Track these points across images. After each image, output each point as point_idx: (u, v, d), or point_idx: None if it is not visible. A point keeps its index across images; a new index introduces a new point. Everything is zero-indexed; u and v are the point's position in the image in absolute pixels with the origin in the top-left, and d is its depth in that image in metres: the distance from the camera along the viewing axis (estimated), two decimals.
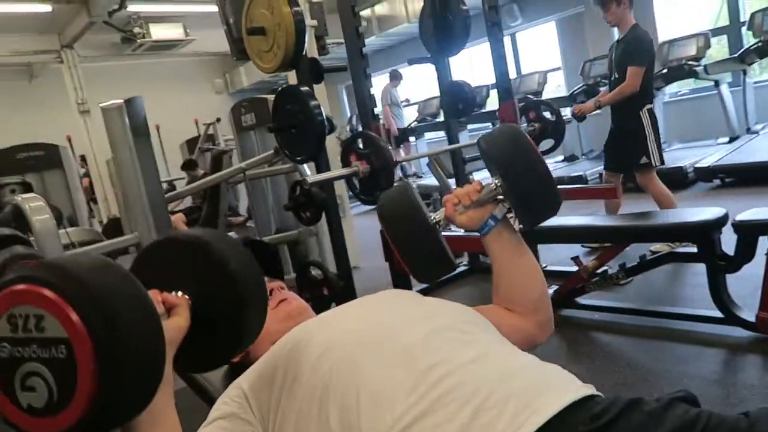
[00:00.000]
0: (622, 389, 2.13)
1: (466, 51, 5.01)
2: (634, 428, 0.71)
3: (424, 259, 1.06)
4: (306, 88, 2.66)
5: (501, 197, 1.02)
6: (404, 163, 9.01)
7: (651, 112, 3.45)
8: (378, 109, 3.08)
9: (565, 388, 0.78)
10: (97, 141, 7.53)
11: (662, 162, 3.50)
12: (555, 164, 6.85)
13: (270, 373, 0.84)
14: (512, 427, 0.70)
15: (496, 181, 1.00)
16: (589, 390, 0.80)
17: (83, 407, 0.55)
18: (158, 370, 0.62)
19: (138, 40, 8.01)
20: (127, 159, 2.74)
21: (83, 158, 8.18)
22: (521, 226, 1.08)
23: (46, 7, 7.14)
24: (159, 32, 8.09)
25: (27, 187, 3.05)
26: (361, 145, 2.55)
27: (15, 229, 2.34)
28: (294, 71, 2.82)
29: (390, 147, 8.66)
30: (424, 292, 3.18)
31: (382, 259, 3.17)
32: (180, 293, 0.77)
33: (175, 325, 0.74)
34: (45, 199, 2.52)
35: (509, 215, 1.05)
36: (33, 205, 2.38)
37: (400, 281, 2.92)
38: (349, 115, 10.78)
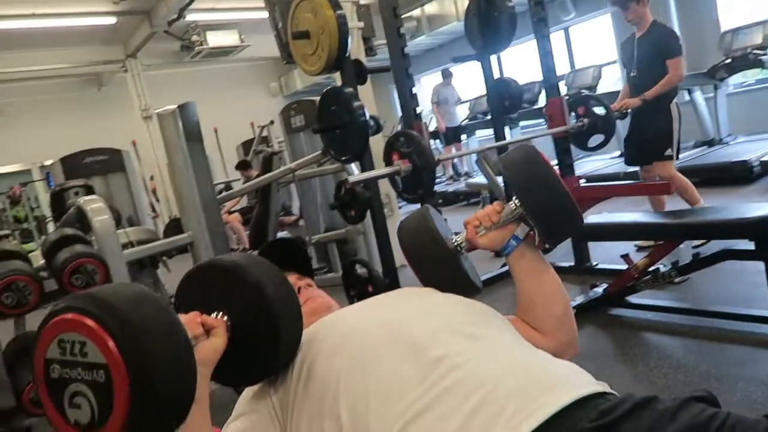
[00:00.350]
0: (674, 392, 2.06)
1: (520, 47, 4.94)
2: (644, 426, 0.69)
3: (446, 286, 1.05)
4: (350, 89, 2.70)
5: (522, 217, 1.02)
6: (456, 161, 8.95)
7: (677, 106, 3.54)
8: (420, 109, 3.09)
9: (574, 384, 0.76)
10: (159, 145, 7.87)
11: (678, 157, 3.64)
12: (611, 160, 6.65)
13: (289, 369, 0.86)
14: (514, 422, 0.69)
15: (516, 201, 1.00)
16: (601, 387, 0.78)
17: (119, 427, 0.61)
18: (189, 394, 0.67)
19: (196, 48, 8.33)
20: (180, 162, 2.86)
21: None
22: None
23: (111, 20, 7.54)
24: (216, 39, 8.39)
25: (89, 190, 3.24)
26: (403, 145, 2.57)
27: (78, 229, 2.50)
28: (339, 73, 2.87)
29: (441, 145, 8.55)
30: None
31: None
32: (221, 314, 0.81)
33: (212, 346, 0.77)
34: (106, 201, 2.67)
35: (531, 233, 1.04)
36: (94, 206, 2.53)
37: None
38: (400, 114, 10.81)
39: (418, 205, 3.31)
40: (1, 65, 7.89)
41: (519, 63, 8.70)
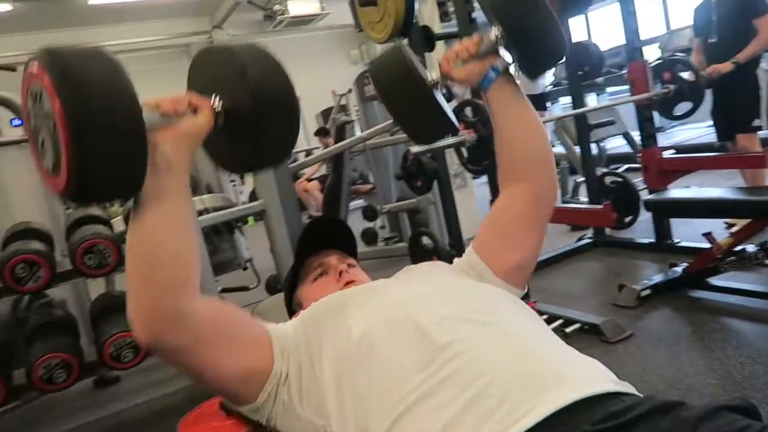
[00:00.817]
0: (749, 384, 1.91)
1: (610, 8, 4.63)
2: None
3: (422, 122, 1.03)
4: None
5: (501, 49, 0.96)
6: None
7: (765, 72, 3.32)
8: None
9: (583, 381, 0.71)
10: None
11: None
12: (706, 128, 6.17)
13: (300, 336, 0.87)
14: (511, 418, 0.66)
15: (496, 29, 0.95)
16: (617, 387, 0.72)
17: (67, 173, 0.65)
18: (136, 152, 0.68)
19: (278, 17, 8.47)
20: None
21: None
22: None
23: None
24: (297, 8, 8.49)
25: None
26: (469, 114, 2.50)
27: None
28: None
29: None
30: (541, 265, 3.02)
31: None
32: (216, 98, 0.81)
33: (195, 122, 0.78)
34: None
35: (512, 65, 0.99)
36: None
37: None
38: None
39: (485, 178, 3.19)
40: (101, 39, 8.36)
41: (609, 26, 8.19)
